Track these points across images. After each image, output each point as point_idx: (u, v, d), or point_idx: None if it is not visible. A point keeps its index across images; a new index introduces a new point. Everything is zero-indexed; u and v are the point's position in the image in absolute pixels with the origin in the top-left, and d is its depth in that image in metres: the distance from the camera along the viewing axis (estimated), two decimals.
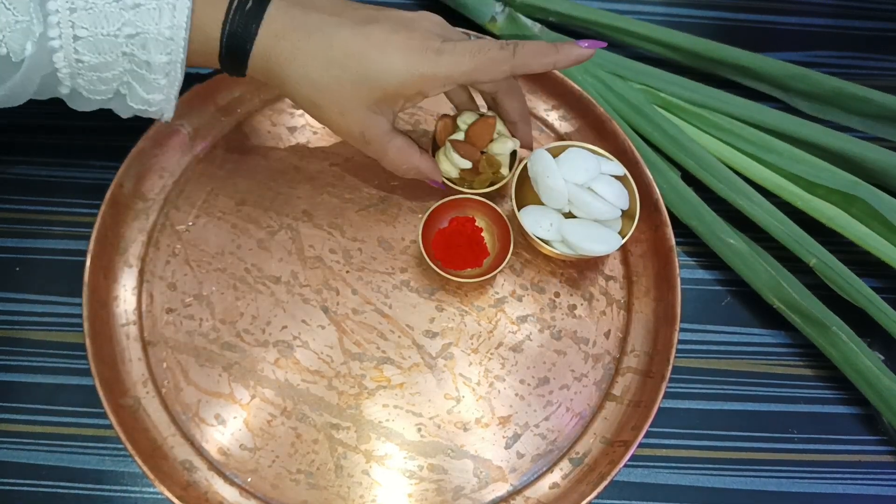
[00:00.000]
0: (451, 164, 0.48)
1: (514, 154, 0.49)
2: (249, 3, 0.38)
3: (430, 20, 0.42)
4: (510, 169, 0.48)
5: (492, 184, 0.48)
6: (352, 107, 0.40)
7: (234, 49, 0.39)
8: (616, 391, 0.47)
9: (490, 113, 0.48)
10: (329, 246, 0.50)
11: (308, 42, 0.38)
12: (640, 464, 0.47)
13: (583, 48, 0.42)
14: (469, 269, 0.48)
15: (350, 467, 0.44)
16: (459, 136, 0.49)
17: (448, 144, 0.48)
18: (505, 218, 0.48)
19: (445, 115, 0.49)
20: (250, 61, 0.39)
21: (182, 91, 0.51)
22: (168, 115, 0.41)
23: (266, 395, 0.46)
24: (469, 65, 0.39)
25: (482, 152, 0.48)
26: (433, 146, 0.50)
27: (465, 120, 0.49)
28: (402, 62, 0.39)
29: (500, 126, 0.49)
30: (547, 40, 0.57)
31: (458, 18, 0.59)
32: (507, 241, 0.47)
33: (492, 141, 0.48)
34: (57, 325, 0.49)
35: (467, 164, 0.47)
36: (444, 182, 0.47)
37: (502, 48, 0.40)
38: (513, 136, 0.48)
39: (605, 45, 0.44)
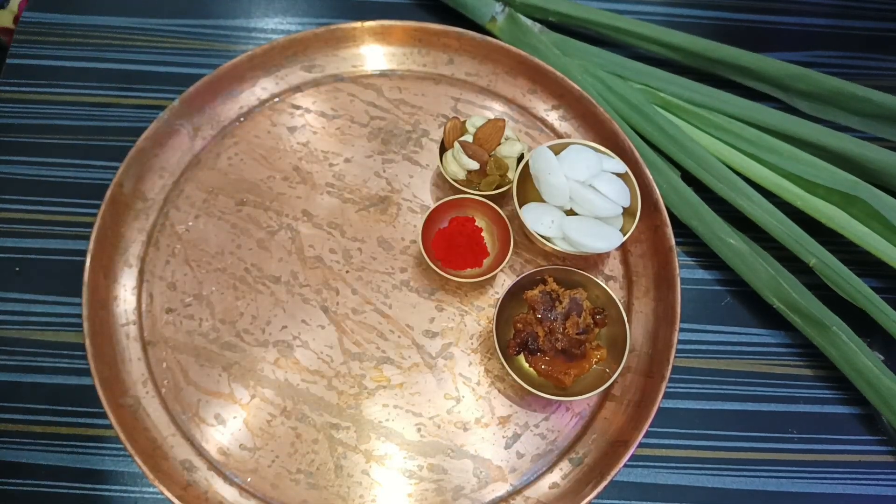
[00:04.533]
0: (459, 165, 0.48)
1: (520, 158, 0.49)
2: None
3: None
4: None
5: (498, 186, 0.48)
6: None
7: None
8: (616, 391, 0.47)
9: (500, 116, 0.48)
10: (329, 246, 0.50)
11: None
12: (640, 464, 0.47)
13: None
14: (469, 269, 0.48)
15: (350, 467, 0.44)
16: (468, 137, 0.49)
17: (457, 145, 0.48)
18: (505, 218, 0.48)
19: (455, 117, 0.49)
20: None
21: (183, 90, 0.51)
22: None
23: (266, 394, 0.46)
24: None
25: (490, 154, 0.48)
26: (441, 147, 0.50)
27: (475, 122, 0.49)
28: None
29: (508, 130, 0.49)
30: (547, 40, 0.57)
31: (459, 18, 0.59)
32: (507, 240, 0.47)
33: (500, 143, 0.49)
34: (57, 325, 0.49)
35: (475, 166, 0.47)
36: None
37: None
38: None
39: None
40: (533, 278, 0.46)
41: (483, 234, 0.49)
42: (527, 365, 0.45)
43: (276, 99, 0.54)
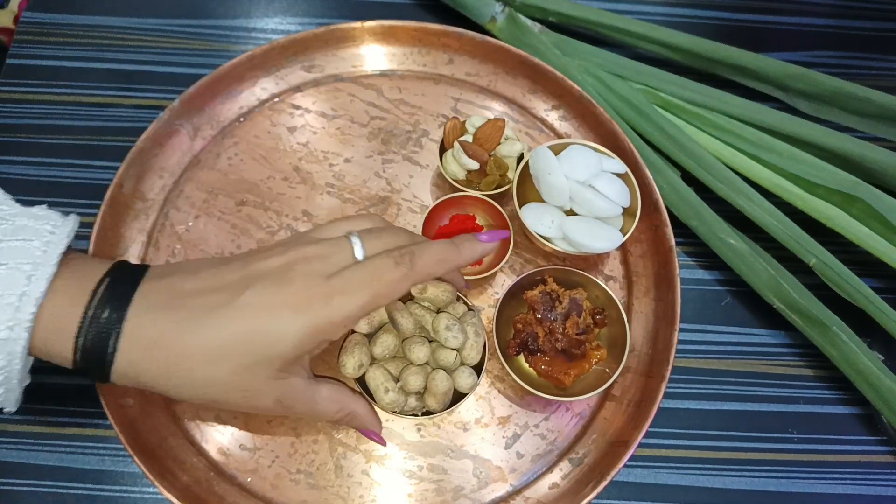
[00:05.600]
0: (459, 165, 0.48)
1: (520, 158, 0.49)
2: (105, 312, 0.33)
3: (305, 254, 0.36)
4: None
5: (498, 186, 0.48)
6: (255, 386, 0.35)
7: (90, 365, 0.34)
8: (616, 391, 0.47)
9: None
10: None
11: (180, 343, 0.33)
12: (640, 464, 0.47)
13: (483, 242, 0.39)
14: (470, 268, 0.48)
15: (350, 467, 0.44)
16: (468, 137, 0.49)
17: (457, 145, 0.48)
18: (505, 215, 0.48)
19: (455, 117, 0.49)
20: (113, 375, 0.34)
21: (183, 90, 0.51)
22: (10, 408, 0.35)
23: None
24: (366, 297, 0.35)
25: (490, 154, 0.48)
26: (441, 147, 0.50)
27: (474, 122, 0.49)
28: (292, 323, 0.34)
29: (508, 129, 0.49)
30: (547, 40, 0.57)
31: (459, 18, 0.59)
32: (508, 239, 0.47)
33: (500, 143, 0.49)
34: None
35: (475, 165, 0.47)
36: (381, 436, 0.42)
37: (398, 264, 0.35)
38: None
39: (507, 234, 0.42)
40: (533, 278, 0.46)
41: None
42: (527, 365, 0.45)
43: (276, 99, 0.54)
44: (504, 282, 0.49)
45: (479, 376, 0.42)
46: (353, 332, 0.42)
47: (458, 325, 0.41)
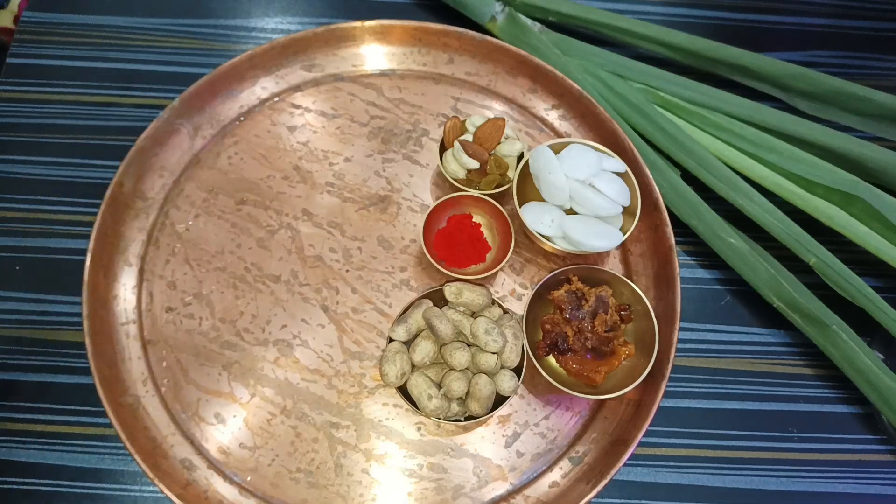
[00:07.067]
0: (459, 164, 0.48)
1: (520, 157, 0.49)
2: None
3: None
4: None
5: (498, 185, 0.48)
6: None
7: None
8: None
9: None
10: (329, 245, 0.50)
11: None
12: (640, 463, 0.47)
13: None
14: (473, 266, 0.48)
15: (350, 466, 0.44)
16: (468, 137, 0.49)
17: (457, 144, 0.48)
18: (505, 214, 0.48)
19: (455, 117, 0.49)
20: None
21: (183, 90, 0.51)
22: None
23: (266, 393, 0.46)
24: None
25: (490, 153, 0.48)
26: (441, 147, 0.50)
27: (474, 122, 0.49)
28: None
29: (508, 129, 0.49)
30: (547, 40, 0.57)
31: (458, 18, 0.59)
32: (508, 233, 0.47)
33: (500, 142, 0.49)
34: (56, 323, 0.49)
35: (475, 165, 0.47)
36: None
37: None
38: None
39: None
40: (557, 278, 0.46)
41: (483, 229, 0.49)
42: (557, 365, 0.45)
43: (276, 98, 0.54)
44: (504, 281, 0.49)
45: (518, 378, 0.42)
46: (391, 340, 0.42)
47: (497, 328, 0.41)
